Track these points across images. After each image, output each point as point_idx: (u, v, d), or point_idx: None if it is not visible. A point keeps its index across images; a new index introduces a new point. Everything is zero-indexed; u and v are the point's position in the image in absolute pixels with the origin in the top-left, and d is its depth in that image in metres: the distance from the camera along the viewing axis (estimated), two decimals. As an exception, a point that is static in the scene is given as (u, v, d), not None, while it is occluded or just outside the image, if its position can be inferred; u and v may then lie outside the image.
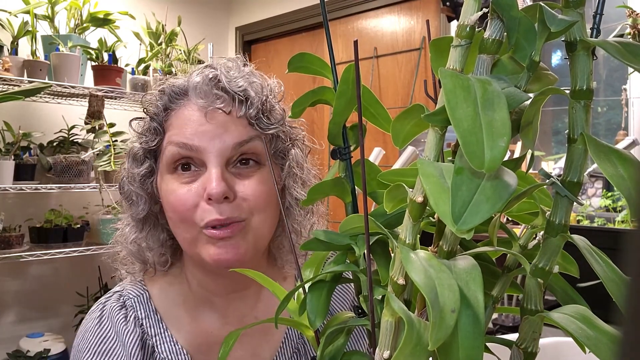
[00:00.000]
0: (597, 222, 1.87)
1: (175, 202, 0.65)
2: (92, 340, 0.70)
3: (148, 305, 0.73)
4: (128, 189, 0.71)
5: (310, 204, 0.65)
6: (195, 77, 0.67)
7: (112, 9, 2.60)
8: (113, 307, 0.72)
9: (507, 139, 0.27)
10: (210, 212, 0.63)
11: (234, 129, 0.66)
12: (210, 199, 0.63)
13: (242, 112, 0.66)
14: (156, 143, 0.69)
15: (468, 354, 0.28)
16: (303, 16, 3.26)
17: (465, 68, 0.33)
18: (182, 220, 0.65)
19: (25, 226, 2.42)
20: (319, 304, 0.42)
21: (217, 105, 0.65)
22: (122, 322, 0.70)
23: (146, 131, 0.70)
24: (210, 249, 0.65)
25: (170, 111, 0.69)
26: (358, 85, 0.38)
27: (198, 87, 0.66)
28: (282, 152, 0.71)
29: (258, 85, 0.69)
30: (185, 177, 0.66)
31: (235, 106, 0.66)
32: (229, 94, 0.66)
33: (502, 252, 0.39)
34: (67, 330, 2.57)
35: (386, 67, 2.92)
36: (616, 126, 2.13)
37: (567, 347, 0.70)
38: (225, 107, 0.65)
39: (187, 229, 0.65)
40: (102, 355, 0.68)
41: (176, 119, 0.68)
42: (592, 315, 0.34)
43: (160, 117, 0.69)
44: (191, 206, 0.64)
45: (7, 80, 2.23)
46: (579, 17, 0.33)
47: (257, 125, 0.67)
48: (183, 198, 0.65)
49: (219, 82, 0.66)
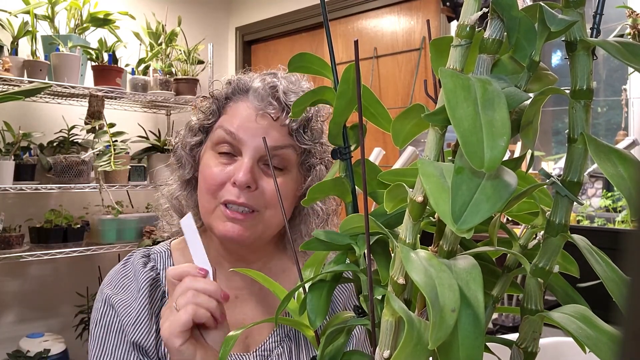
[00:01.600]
0: (597, 222, 1.87)
1: (208, 175, 0.76)
2: (114, 276, 0.82)
3: (168, 260, 0.85)
4: (180, 153, 0.82)
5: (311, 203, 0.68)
6: (258, 81, 0.78)
7: (112, 9, 2.60)
8: (137, 254, 0.85)
9: (507, 138, 0.27)
10: (231, 194, 0.74)
11: (275, 133, 0.76)
12: (235, 184, 0.73)
13: (287, 122, 0.76)
14: (211, 122, 0.80)
15: (468, 353, 0.28)
16: (303, 16, 3.26)
17: (466, 68, 0.33)
18: (208, 191, 0.76)
19: (25, 226, 2.42)
20: (319, 304, 0.42)
21: (269, 110, 0.76)
22: (141, 265, 0.82)
23: (207, 110, 0.81)
24: (220, 224, 0.75)
25: (229, 101, 0.80)
26: (358, 85, 0.38)
27: (257, 91, 0.77)
28: (309, 166, 0.80)
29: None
30: (224, 158, 0.77)
31: (282, 115, 0.76)
32: (280, 104, 0.76)
33: (502, 252, 0.39)
34: (67, 330, 2.57)
35: (386, 67, 2.92)
36: (616, 126, 2.13)
37: (567, 347, 0.70)
38: (274, 114, 0.76)
39: (209, 200, 0.76)
40: (118, 287, 0.81)
41: (232, 109, 0.79)
42: (592, 315, 0.34)
43: (221, 102, 0.80)
44: (219, 183, 0.75)
45: (7, 81, 2.23)
46: (579, 17, 0.33)
47: (295, 136, 0.77)
48: (215, 174, 0.75)
49: (276, 92, 0.77)
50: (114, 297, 0.79)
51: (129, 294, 0.79)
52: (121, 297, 0.79)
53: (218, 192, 0.75)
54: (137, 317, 0.77)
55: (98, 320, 0.79)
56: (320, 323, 0.41)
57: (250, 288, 0.84)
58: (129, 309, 0.77)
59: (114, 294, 0.79)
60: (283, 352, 0.80)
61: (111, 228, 2.49)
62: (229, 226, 0.74)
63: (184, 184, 0.84)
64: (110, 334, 0.77)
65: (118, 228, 2.50)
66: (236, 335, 0.45)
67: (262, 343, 0.81)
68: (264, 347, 0.81)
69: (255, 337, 0.81)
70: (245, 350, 0.80)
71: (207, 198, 0.76)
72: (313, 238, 0.43)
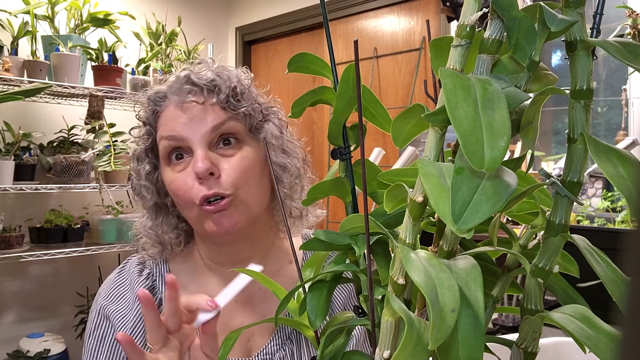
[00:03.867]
0: (597, 222, 1.87)
1: (175, 188, 0.75)
2: (109, 285, 0.82)
3: (163, 267, 0.84)
4: (136, 185, 0.82)
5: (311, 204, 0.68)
6: (172, 80, 0.77)
7: (112, 9, 2.60)
8: (133, 262, 0.85)
9: (507, 138, 0.27)
10: (201, 190, 0.73)
11: (209, 115, 0.75)
12: (199, 177, 0.73)
13: (214, 100, 0.75)
14: (151, 142, 0.80)
15: (468, 353, 0.28)
16: (303, 16, 3.26)
17: (466, 68, 0.33)
18: (184, 202, 0.75)
19: (25, 226, 2.42)
20: (319, 304, 0.42)
21: (190, 98, 0.75)
22: (136, 274, 0.82)
23: (143, 134, 0.81)
24: (208, 223, 0.74)
25: (159, 113, 0.79)
26: (358, 85, 0.38)
27: (172, 87, 0.77)
28: (257, 128, 0.80)
29: (225, 75, 0.78)
30: (180, 165, 0.76)
31: (206, 96, 0.75)
32: (198, 86, 0.75)
33: (502, 252, 0.39)
34: (67, 330, 2.57)
35: (386, 67, 2.92)
36: (616, 126, 2.13)
37: (567, 347, 0.70)
38: (197, 99, 0.75)
39: (190, 209, 0.75)
40: (114, 297, 0.80)
41: (162, 118, 0.78)
42: (592, 315, 0.34)
43: (151, 119, 0.79)
44: (187, 188, 0.74)
45: (7, 81, 2.23)
46: (579, 17, 0.33)
47: (228, 108, 0.76)
48: (180, 182, 0.75)
49: (190, 79, 0.76)
50: (110, 307, 0.79)
51: (125, 304, 0.79)
52: (117, 308, 0.78)
53: (190, 196, 0.74)
54: (133, 327, 0.76)
55: (92, 331, 0.79)
56: (320, 323, 0.41)
57: (249, 290, 0.83)
58: (125, 320, 0.77)
59: (109, 303, 0.79)
60: (285, 355, 0.80)
61: (111, 228, 2.49)
62: (217, 221, 0.74)
63: (152, 213, 0.83)
64: (103, 347, 0.77)
65: (118, 228, 2.50)
66: (236, 335, 0.45)
67: (263, 347, 0.80)
68: (266, 351, 0.80)
69: (256, 341, 0.81)
70: (247, 355, 0.80)
71: (188, 207, 0.75)
72: (313, 238, 0.43)
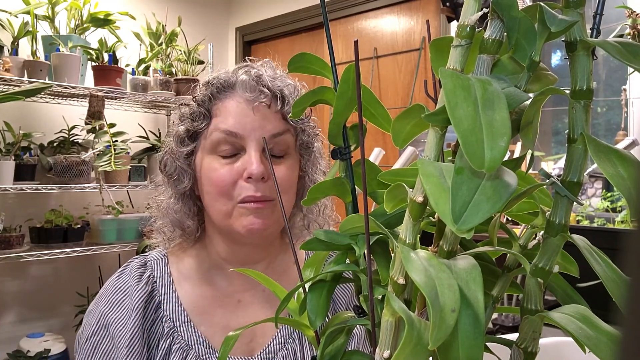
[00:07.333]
0: (596, 222, 1.87)
1: (217, 179, 0.75)
2: (109, 289, 0.82)
3: (165, 268, 0.84)
4: (172, 166, 0.80)
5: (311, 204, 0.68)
6: (242, 74, 0.77)
7: (112, 9, 2.60)
8: (134, 265, 0.84)
9: (507, 138, 0.27)
10: (248, 189, 0.74)
11: (272, 121, 0.77)
12: (250, 177, 0.74)
13: (279, 108, 0.77)
14: (203, 126, 0.78)
15: (468, 353, 0.28)
16: (303, 16, 3.26)
17: (466, 68, 0.33)
18: (221, 194, 0.75)
19: (26, 226, 2.42)
20: (319, 304, 0.42)
21: (262, 99, 0.76)
22: (136, 279, 0.81)
23: (195, 115, 0.78)
24: (244, 220, 0.75)
25: (216, 100, 0.78)
26: (358, 85, 0.38)
27: (245, 83, 0.76)
28: (306, 145, 0.82)
29: (291, 87, 0.80)
30: (228, 159, 0.76)
31: (274, 102, 0.77)
32: (270, 91, 0.77)
33: (502, 252, 0.39)
34: (68, 330, 2.57)
35: (386, 67, 2.92)
36: (616, 126, 2.13)
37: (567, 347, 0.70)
38: (267, 102, 0.76)
39: (225, 203, 0.75)
40: (112, 304, 0.80)
41: (221, 109, 0.77)
42: (592, 315, 0.34)
43: (206, 104, 0.78)
44: (230, 183, 0.75)
45: (8, 81, 2.23)
46: (579, 17, 0.33)
47: (289, 120, 0.78)
48: (225, 175, 0.75)
49: (264, 80, 0.77)
50: (110, 315, 0.78)
51: (124, 312, 0.78)
52: (116, 316, 0.78)
53: (231, 191, 0.74)
54: (130, 338, 0.76)
55: (89, 336, 0.78)
56: (320, 323, 0.41)
57: (253, 290, 0.83)
58: (123, 330, 0.76)
59: (109, 310, 0.79)
60: (288, 354, 0.80)
61: (111, 228, 2.49)
62: (252, 219, 0.74)
63: (180, 196, 0.82)
64: (96, 357, 0.77)
65: (118, 228, 2.50)
66: (236, 335, 0.45)
67: (266, 346, 0.81)
68: (269, 350, 0.80)
69: (259, 340, 0.81)
70: (250, 354, 0.80)
71: (222, 201, 0.75)
72: (313, 238, 0.43)
